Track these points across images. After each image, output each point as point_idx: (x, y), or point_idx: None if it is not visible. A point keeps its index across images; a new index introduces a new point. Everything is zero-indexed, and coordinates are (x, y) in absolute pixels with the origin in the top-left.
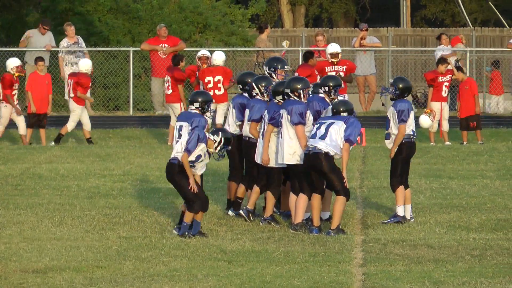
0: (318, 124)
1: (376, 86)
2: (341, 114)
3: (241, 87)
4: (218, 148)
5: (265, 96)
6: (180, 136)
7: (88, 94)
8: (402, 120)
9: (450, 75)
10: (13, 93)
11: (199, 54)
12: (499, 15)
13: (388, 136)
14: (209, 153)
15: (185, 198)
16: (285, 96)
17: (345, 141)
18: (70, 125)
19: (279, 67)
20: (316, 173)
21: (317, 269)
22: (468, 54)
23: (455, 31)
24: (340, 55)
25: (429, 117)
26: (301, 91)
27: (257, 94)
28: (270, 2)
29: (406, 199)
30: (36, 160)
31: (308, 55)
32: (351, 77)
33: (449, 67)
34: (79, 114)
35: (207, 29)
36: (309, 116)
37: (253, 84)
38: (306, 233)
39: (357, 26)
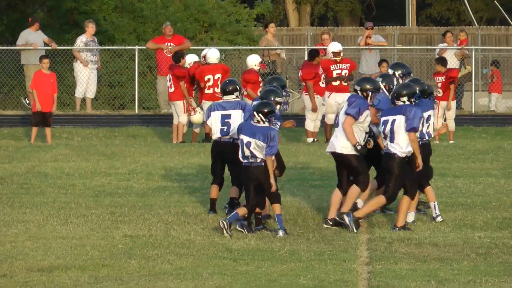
0: (383, 124)
1: None
2: (401, 99)
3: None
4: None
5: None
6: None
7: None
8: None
9: (443, 78)
10: None
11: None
12: (505, 14)
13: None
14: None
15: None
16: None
17: (408, 132)
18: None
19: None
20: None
21: (322, 268)
22: (473, 52)
23: (460, 29)
24: (342, 53)
25: None
26: (370, 93)
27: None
28: (275, 1)
29: (412, 205)
30: (42, 158)
31: (314, 53)
32: (352, 75)
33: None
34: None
35: (212, 28)
36: (367, 118)
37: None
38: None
39: (362, 25)
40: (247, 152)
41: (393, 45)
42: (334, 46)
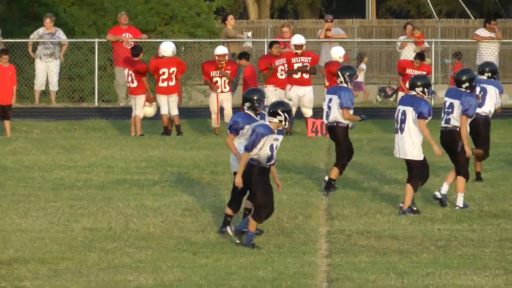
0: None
1: None
2: (462, 86)
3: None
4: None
5: (349, 85)
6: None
7: None
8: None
9: (424, 73)
10: None
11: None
12: (465, 7)
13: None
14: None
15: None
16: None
17: (462, 115)
18: None
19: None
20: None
21: (282, 260)
22: (433, 45)
23: (420, 22)
24: (304, 47)
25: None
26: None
27: (341, 82)
28: None
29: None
30: (1, 151)
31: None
32: (315, 68)
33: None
34: None
35: (173, 21)
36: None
37: (338, 72)
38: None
39: (322, 18)
40: None
41: (353, 38)
42: (296, 39)
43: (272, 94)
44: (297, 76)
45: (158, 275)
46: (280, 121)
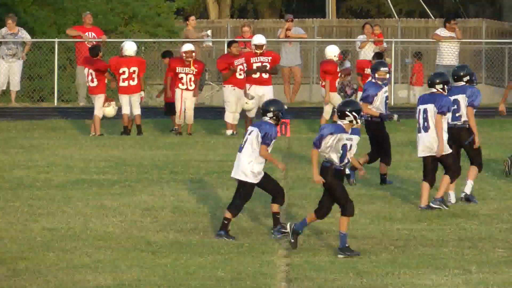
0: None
1: (301, 77)
2: (463, 79)
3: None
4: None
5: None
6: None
7: None
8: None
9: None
10: None
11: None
12: (425, 6)
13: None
14: None
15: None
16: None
17: (468, 106)
18: None
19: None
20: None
21: (241, 260)
22: (393, 45)
23: (380, 22)
24: (265, 47)
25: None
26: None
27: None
28: None
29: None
30: None
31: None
32: (276, 68)
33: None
34: None
35: (133, 21)
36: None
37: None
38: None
39: (282, 17)
40: None
41: (313, 38)
42: (256, 39)
43: (230, 93)
44: (256, 75)
45: (117, 275)
46: (351, 121)
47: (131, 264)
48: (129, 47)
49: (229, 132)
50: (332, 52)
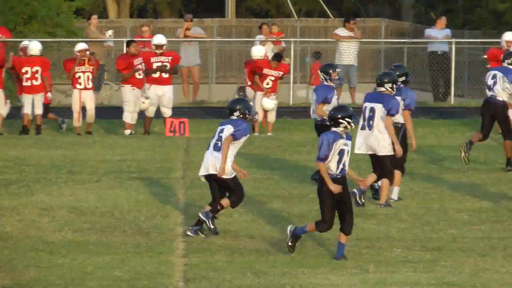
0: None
1: (200, 77)
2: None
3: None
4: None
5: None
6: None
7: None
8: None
9: (281, 72)
10: None
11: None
12: (324, 6)
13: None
14: None
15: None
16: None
17: (404, 110)
18: None
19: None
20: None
21: (138, 260)
22: (292, 44)
23: (280, 21)
24: (164, 46)
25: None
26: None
27: (322, 80)
28: None
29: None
30: None
31: (128, 43)
32: (176, 68)
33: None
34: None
35: (32, 20)
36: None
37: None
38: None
39: (182, 17)
40: None
41: (212, 37)
42: (156, 39)
43: (129, 93)
44: (156, 75)
45: (15, 275)
46: (345, 127)
47: (28, 264)
48: (34, 47)
49: (127, 132)
50: (258, 52)
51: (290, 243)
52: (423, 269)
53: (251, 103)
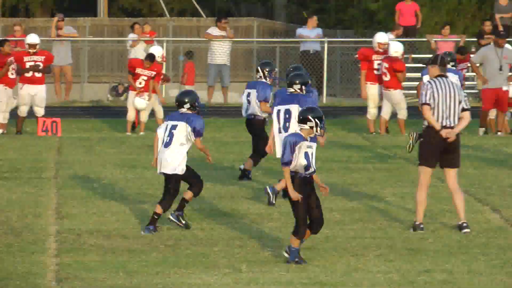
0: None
1: (72, 77)
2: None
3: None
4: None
5: (268, 80)
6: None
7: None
8: None
9: (154, 72)
10: None
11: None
12: (196, 5)
13: None
14: None
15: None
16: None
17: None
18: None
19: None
20: None
21: (10, 260)
22: (165, 44)
23: (152, 21)
24: (38, 46)
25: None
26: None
27: (260, 77)
28: None
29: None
30: None
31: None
32: (49, 67)
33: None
34: None
35: None
36: None
37: (258, 67)
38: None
39: (54, 16)
40: None
41: (84, 37)
42: (30, 38)
43: (1, 93)
44: (28, 74)
45: None
46: (311, 127)
47: None
48: None
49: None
50: (157, 52)
51: (297, 261)
52: (295, 269)
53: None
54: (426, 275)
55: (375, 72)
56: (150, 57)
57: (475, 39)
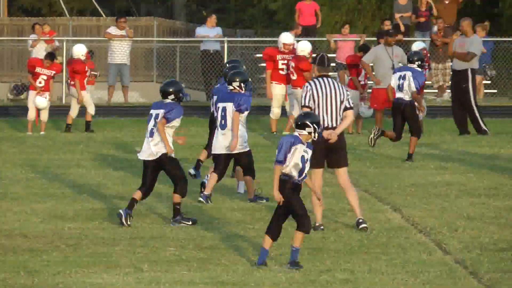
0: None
1: None
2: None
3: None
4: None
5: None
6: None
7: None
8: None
9: (54, 72)
10: None
11: None
12: (96, 4)
13: None
14: None
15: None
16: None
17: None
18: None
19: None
20: None
21: None
22: (65, 43)
23: (51, 20)
24: None
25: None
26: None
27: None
28: None
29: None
30: None
31: None
32: None
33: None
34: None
35: None
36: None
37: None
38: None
39: None
40: None
41: None
42: None
43: None
44: None
45: None
46: (310, 132)
47: None
48: None
49: None
50: (80, 51)
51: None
52: (197, 268)
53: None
54: (328, 274)
55: (280, 72)
56: (50, 56)
57: (375, 39)
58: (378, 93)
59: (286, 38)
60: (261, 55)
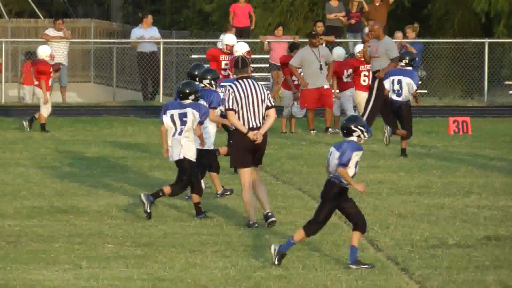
0: None
1: None
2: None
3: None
4: None
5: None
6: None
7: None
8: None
9: None
10: None
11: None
12: (34, 6)
13: None
14: None
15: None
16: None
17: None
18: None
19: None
20: None
21: None
22: (3, 45)
23: None
24: None
25: None
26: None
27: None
28: None
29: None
30: None
31: None
32: None
33: None
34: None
35: None
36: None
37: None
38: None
39: None
40: None
41: None
42: None
43: None
44: None
45: None
46: (359, 136)
47: None
48: None
49: None
50: (44, 52)
51: (277, 262)
52: (134, 265)
53: None
54: (263, 270)
55: (223, 72)
56: None
57: (307, 40)
58: (308, 93)
59: (229, 39)
60: (196, 56)
